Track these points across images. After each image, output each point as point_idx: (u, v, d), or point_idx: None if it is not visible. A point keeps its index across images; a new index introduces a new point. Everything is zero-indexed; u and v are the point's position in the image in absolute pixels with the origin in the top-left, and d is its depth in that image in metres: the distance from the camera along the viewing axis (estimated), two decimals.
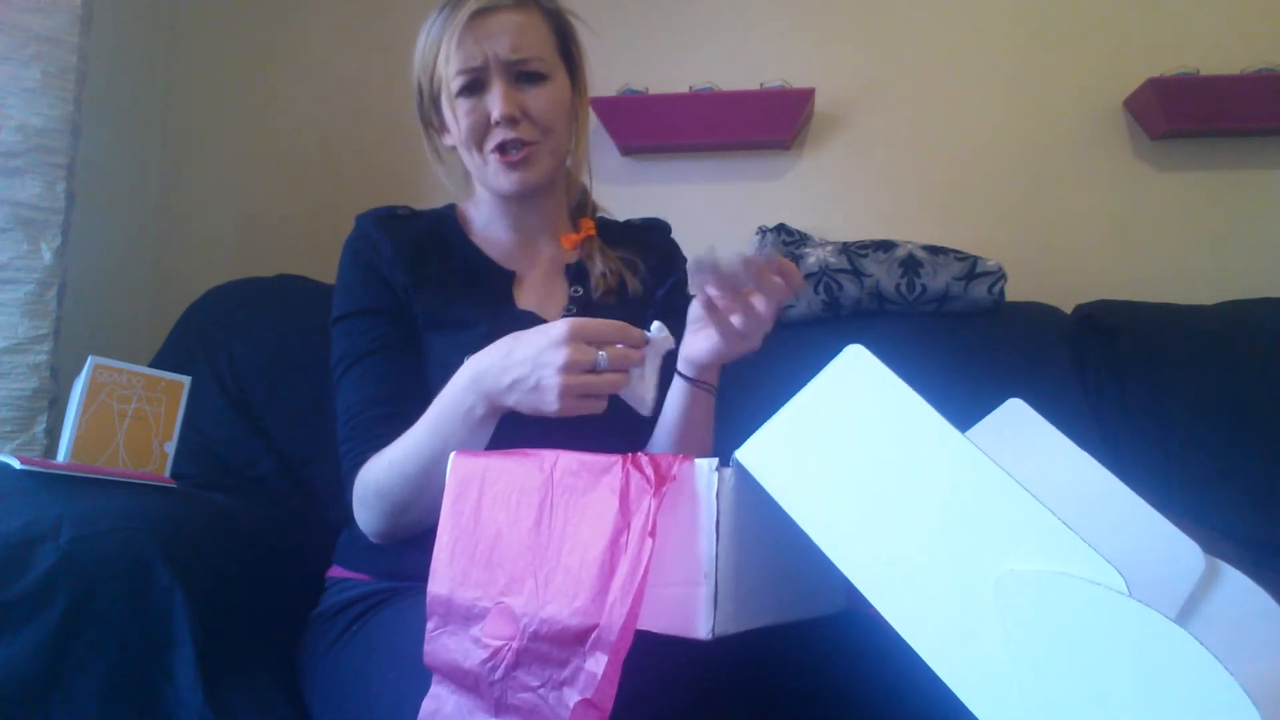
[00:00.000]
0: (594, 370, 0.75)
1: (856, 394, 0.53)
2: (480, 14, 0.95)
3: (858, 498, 0.52)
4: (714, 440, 0.99)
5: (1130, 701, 0.41)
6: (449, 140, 1.04)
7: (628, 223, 1.17)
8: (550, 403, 0.75)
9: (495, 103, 0.95)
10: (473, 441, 0.83)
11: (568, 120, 1.03)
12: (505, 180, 0.98)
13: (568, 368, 0.74)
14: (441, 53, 0.96)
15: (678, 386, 0.94)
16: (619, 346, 0.76)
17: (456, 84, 0.95)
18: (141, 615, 0.88)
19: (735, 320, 0.82)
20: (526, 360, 0.76)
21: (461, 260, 1.04)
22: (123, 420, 1.11)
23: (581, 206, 1.13)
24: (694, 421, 0.95)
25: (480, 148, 0.98)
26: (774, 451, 0.56)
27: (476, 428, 0.82)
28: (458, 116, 0.97)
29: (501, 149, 0.97)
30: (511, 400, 0.79)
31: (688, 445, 0.96)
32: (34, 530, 0.87)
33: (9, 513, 0.89)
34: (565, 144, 1.04)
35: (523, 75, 0.97)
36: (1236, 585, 0.65)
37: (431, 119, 1.04)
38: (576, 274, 1.07)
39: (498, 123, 0.95)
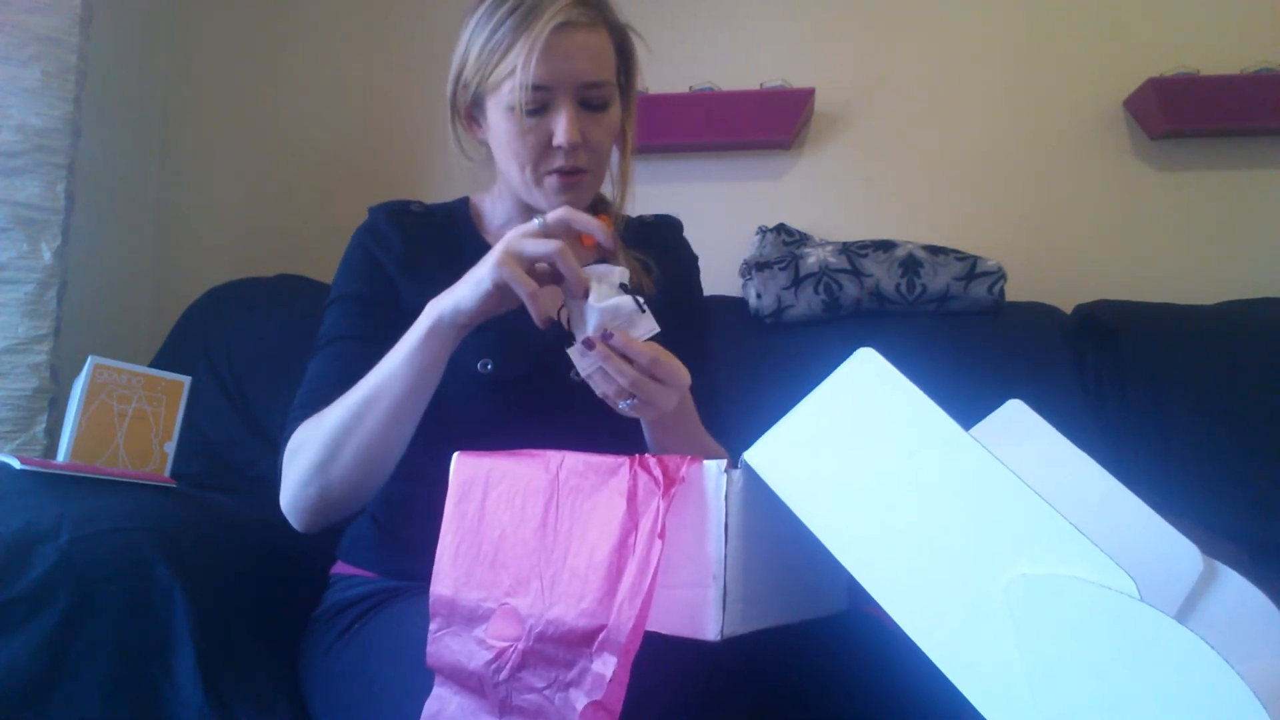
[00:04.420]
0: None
1: (867, 397, 0.52)
2: (559, 29, 0.90)
3: (868, 501, 0.51)
4: (704, 431, 0.96)
5: (1142, 706, 0.41)
6: (480, 135, 1.01)
7: (639, 218, 1.14)
8: (487, 266, 0.80)
9: (561, 128, 0.91)
10: (423, 362, 0.83)
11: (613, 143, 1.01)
12: (554, 202, 0.96)
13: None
14: (509, 59, 0.91)
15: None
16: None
17: (524, 98, 0.90)
18: (141, 615, 0.87)
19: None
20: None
21: (473, 260, 1.03)
22: (123, 420, 1.11)
23: (595, 203, 1.12)
24: (670, 435, 0.92)
25: (535, 166, 0.95)
26: (783, 454, 0.56)
27: (434, 348, 0.83)
28: (521, 131, 0.93)
29: (560, 171, 0.94)
30: (451, 298, 0.82)
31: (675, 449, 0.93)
32: (34, 530, 0.87)
33: (9, 513, 0.89)
34: (608, 167, 1.02)
35: (589, 101, 0.94)
36: (1234, 585, 0.65)
37: (461, 110, 1.01)
38: None
39: (559, 146, 0.92)
